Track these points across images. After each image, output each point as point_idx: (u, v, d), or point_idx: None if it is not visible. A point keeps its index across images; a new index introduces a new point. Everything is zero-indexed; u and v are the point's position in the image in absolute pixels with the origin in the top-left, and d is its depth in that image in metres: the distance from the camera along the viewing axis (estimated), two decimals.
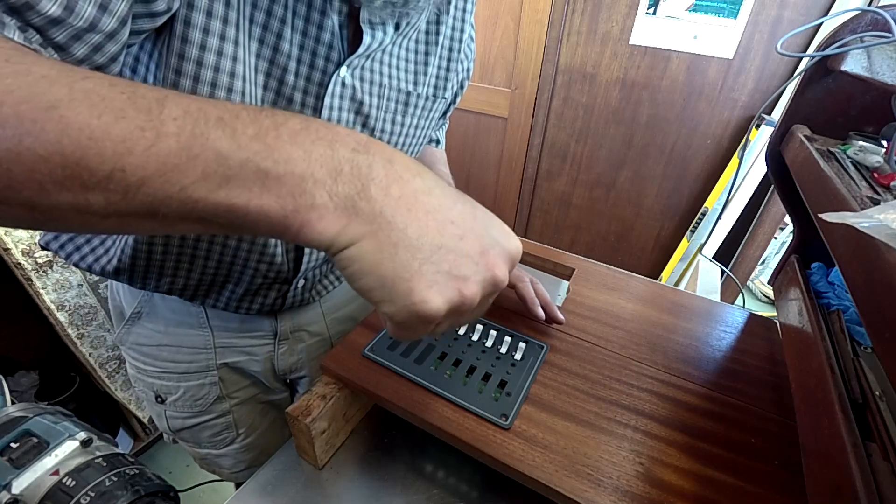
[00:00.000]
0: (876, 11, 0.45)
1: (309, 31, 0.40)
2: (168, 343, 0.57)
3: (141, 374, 0.60)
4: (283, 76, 0.41)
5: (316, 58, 0.41)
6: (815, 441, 0.36)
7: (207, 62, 0.35)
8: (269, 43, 0.39)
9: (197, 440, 0.66)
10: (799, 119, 0.56)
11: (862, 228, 0.25)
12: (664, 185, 1.51)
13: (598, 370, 0.49)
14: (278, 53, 0.39)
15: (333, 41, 0.41)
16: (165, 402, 0.61)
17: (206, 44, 0.35)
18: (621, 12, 1.34)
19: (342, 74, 0.43)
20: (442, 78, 0.55)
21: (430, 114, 0.56)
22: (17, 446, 0.44)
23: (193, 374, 0.59)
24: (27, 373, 1.13)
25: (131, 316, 0.56)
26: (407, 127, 0.53)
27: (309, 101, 0.43)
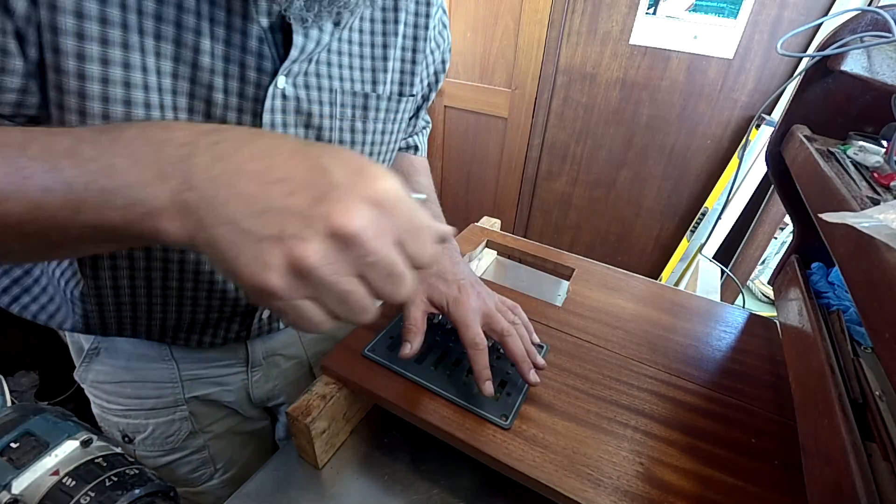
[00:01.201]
0: (876, 11, 0.45)
1: (232, 40, 0.34)
2: (130, 379, 0.52)
3: (106, 413, 0.55)
4: (210, 95, 0.35)
5: (245, 69, 0.35)
6: (815, 441, 0.36)
7: (114, 96, 0.31)
8: (186, 59, 0.33)
9: (173, 479, 0.60)
10: (799, 119, 0.56)
11: (862, 228, 0.25)
12: (664, 185, 1.51)
13: (598, 370, 0.49)
14: (199, 70, 0.34)
15: (263, 48, 0.35)
16: (134, 441, 0.56)
17: (108, 76, 0.30)
18: (621, 12, 1.34)
19: (280, 85, 0.38)
20: (407, 73, 0.48)
21: (397, 115, 0.50)
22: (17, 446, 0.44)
23: (162, 409, 0.54)
24: (27, 373, 1.13)
25: (88, 352, 0.52)
26: (371, 134, 0.48)
27: (246, 119, 0.37)
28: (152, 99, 0.32)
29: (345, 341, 0.49)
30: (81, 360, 0.53)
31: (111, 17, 0.29)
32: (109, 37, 0.29)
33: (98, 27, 0.29)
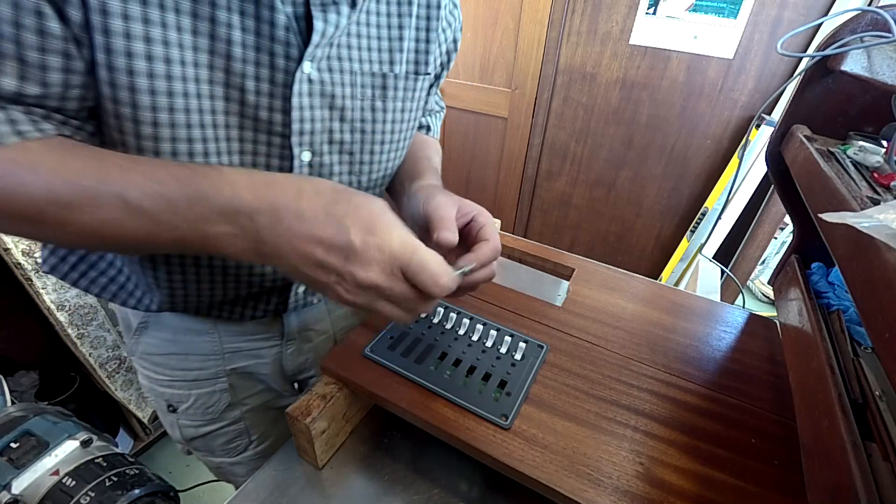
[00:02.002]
0: (876, 11, 0.45)
1: (261, 30, 0.37)
2: (176, 351, 0.56)
3: (152, 384, 0.60)
4: (243, 83, 0.38)
5: (274, 57, 0.38)
6: (815, 441, 0.36)
7: (159, 89, 0.34)
8: (221, 52, 0.36)
9: (210, 448, 0.65)
10: (799, 119, 0.56)
11: (862, 228, 0.25)
12: (664, 185, 1.51)
13: (598, 370, 0.49)
14: (232, 61, 0.36)
15: (289, 36, 0.38)
16: (177, 410, 0.60)
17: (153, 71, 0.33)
18: (621, 12, 1.34)
19: (306, 70, 0.40)
20: (422, 52, 0.50)
21: (415, 94, 0.51)
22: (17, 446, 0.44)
23: (204, 381, 0.58)
24: (27, 373, 1.13)
25: (139, 326, 0.56)
26: (390, 112, 0.49)
27: (276, 105, 0.40)
28: (190, 89, 0.36)
29: (345, 341, 0.49)
30: (132, 334, 0.57)
31: (152, 17, 0.32)
32: (152, 35, 0.32)
33: (142, 27, 0.32)
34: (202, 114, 0.37)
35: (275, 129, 0.41)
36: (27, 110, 0.32)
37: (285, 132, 0.42)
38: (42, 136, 0.32)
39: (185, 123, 0.37)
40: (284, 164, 0.44)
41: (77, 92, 0.33)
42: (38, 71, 0.31)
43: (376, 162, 0.51)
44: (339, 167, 0.49)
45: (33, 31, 0.29)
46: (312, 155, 0.45)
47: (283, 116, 0.41)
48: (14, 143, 0.30)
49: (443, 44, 0.52)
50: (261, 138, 0.42)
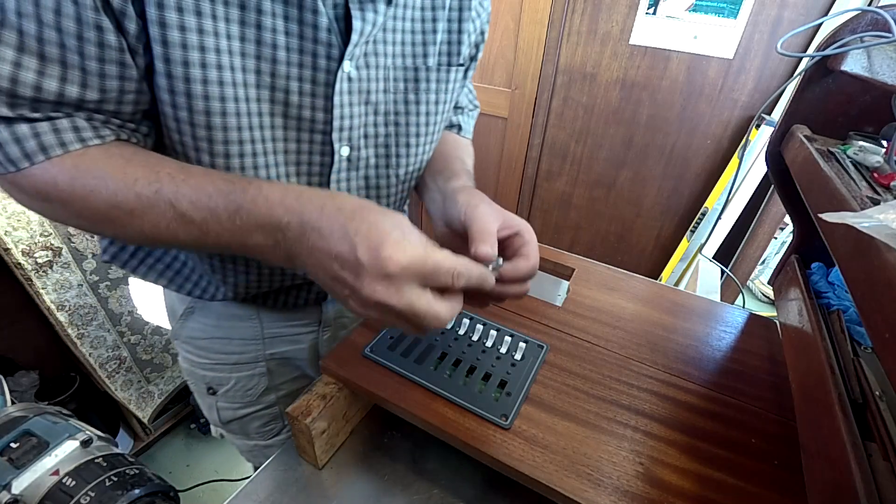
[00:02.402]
0: (876, 11, 0.45)
1: (305, 34, 0.38)
2: (220, 335, 0.59)
3: (194, 367, 0.62)
4: (288, 85, 0.40)
5: (317, 59, 0.40)
6: (815, 441, 0.36)
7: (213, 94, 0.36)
8: (267, 56, 0.38)
9: (246, 431, 0.68)
10: (799, 119, 0.56)
11: (862, 228, 0.25)
12: (664, 185, 1.51)
13: (598, 370, 0.49)
14: (277, 64, 0.38)
15: (331, 37, 0.39)
16: (217, 393, 0.63)
17: (207, 78, 0.36)
18: (621, 12, 1.34)
19: (346, 69, 0.41)
20: (454, 42, 0.50)
21: (447, 86, 0.51)
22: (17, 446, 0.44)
23: (244, 364, 0.61)
24: (27, 373, 1.13)
25: (185, 311, 0.58)
26: (423, 105, 0.50)
27: (318, 104, 0.42)
28: (240, 93, 0.38)
29: (345, 341, 0.49)
30: (177, 318, 0.60)
31: (206, 27, 0.34)
32: (206, 44, 0.35)
33: (196, 37, 0.34)
34: (251, 116, 0.39)
35: (317, 128, 0.43)
36: (88, 116, 0.35)
37: (326, 129, 0.44)
38: (101, 142, 0.35)
39: (236, 126, 0.39)
40: (325, 159, 0.46)
41: (131, 97, 0.36)
42: (98, 79, 0.33)
43: (412, 154, 0.52)
44: (374, 160, 0.50)
45: (94, 43, 0.32)
46: (351, 150, 0.47)
47: (325, 115, 0.43)
48: (77, 150, 0.34)
49: (472, 34, 0.52)
50: (304, 137, 0.44)
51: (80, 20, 0.31)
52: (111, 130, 0.36)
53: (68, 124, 0.34)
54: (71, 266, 1.05)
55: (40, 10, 0.30)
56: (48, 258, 1.00)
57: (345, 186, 0.49)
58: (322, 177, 0.47)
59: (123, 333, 1.20)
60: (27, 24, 0.30)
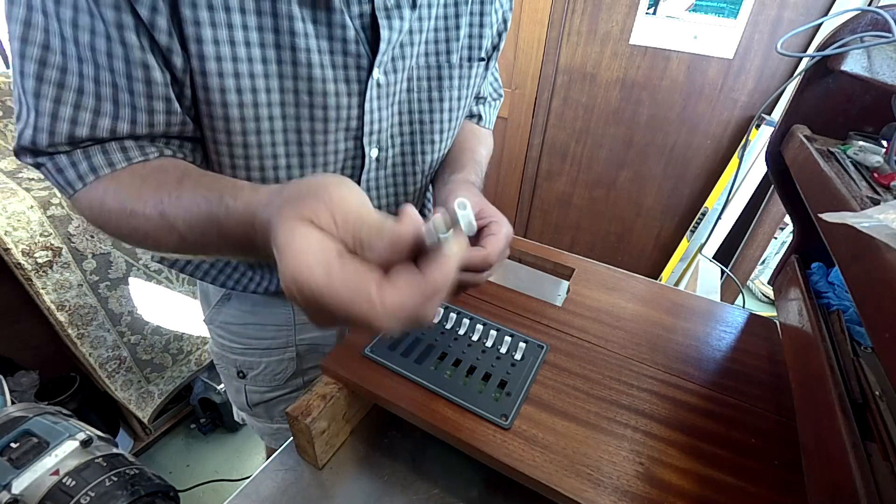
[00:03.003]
0: (876, 11, 0.45)
1: (335, 48, 0.39)
2: (254, 321, 0.61)
3: (226, 352, 0.64)
4: (325, 102, 0.41)
5: (348, 70, 0.41)
6: (815, 441, 0.36)
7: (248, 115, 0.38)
8: (303, 76, 0.39)
9: (271, 414, 0.70)
10: (799, 119, 0.56)
11: (862, 228, 0.25)
12: (664, 185, 1.51)
13: (598, 370, 0.49)
14: (314, 82, 0.39)
15: (360, 48, 0.40)
16: (247, 377, 0.65)
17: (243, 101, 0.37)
18: (621, 12, 1.34)
19: (376, 77, 0.42)
20: (476, 36, 0.50)
21: (470, 81, 0.52)
22: (17, 446, 0.44)
23: (275, 349, 0.63)
24: (27, 373, 1.13)
25: (221, 298, 0.61)
26: (447, 101, 0.51)
27: (353, 113, 0.43)
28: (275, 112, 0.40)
29: (345, 341, 0.49)
30: (212, 306, 0.62)
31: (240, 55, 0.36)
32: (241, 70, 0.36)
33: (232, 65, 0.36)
34: (287, 133, 0.41)
35: (350, 135, 0.45)
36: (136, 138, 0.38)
37: (358, 135, 0.45)
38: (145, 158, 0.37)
39: (270, 143, 0.41)
40: (357, 162, 0.48)
41: (177, 128, 0.38)
42: (146, 115, 0.36)
43: (434, 151, 0.53)
44: (401, 157, 0.52)
45: (142, 81, 0.34)
46: (379, 150, 0.48)
47: (358, 122, 0.44)
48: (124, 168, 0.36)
49: (494, 24, 0.52)
50: (339, 146, 0.45)
51: (129, 60, 0.33)
52: (156, 148, 0.38)
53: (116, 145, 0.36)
54: (71, 266, 1.05)
55: (96, 55, 0.33)
56: (48, 258, 1.00)
57: (374, 185, 0.51)
58: (353, 178, 0.48)
59: (123, 333, 1.20)
60: (86, 68, 0.33)
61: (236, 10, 0.35)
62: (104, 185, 0.36)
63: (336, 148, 0.45)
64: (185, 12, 0.33)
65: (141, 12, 0.32)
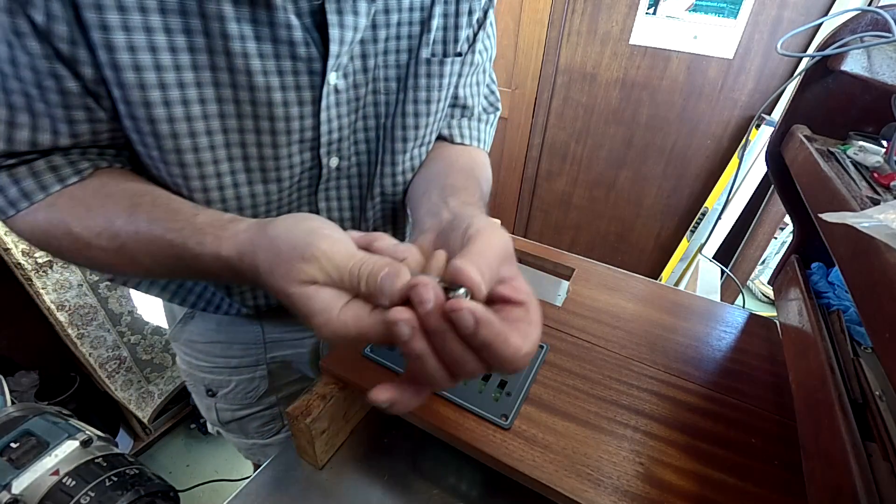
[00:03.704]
0: (876, 11, 0.45)
1: (280, 52, 0.34)
2: (221, 339, 0.57)
3: (193, 370, 0.61)
4: (272, 112, 0.36)
5: (298, 76, 0.36)
6: (815, 441, 0.36)
7: (181, 131, 0.34)
8: (242, 84, 0.34)
9: (245, 431, 0.67)
10: (799, 119, 0.56)
11: (862, 228, 0.25)
12: (664, 185, 1.51)
13: (598, 370, 0.49)
14: (256, 91, 0.35)
15: (310, 51, 0.35)
16: (216, 395, 0.62)
17: (173, 115, 0.33)
18: (621, 12, 1.34)
19: (332, 82, 0.38)
20: (451, 28, 0.43)
21: (444, 80, 0.45)
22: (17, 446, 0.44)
23: (245, 368, 0.60)
24: (27, 373, 1.13)
25: (185, 315, 0.57)
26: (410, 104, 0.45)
27: (307, 123, 0.39)
28: (213, 125, 0.36)
29: None
30: (176, 322, 0.58)
31: (164, 62, 0.32)
32: (166, 80, 0.32)
33: (155, 75, 0.32)
34: (230, 147, 0.37)
35: (305, 146, 0.41)
36: (65, 153, 0.35)
37: (314, 145, 0.41)
38: (80, 178, 0.35)
39: (211, 160, 0.37)
40: (314, 172, 0.44)
41: (106, 136, 0.35)
42: (66, 125, 0.33)
43: (405, 160, 0.48)
44: (366, 167, 0.48)
45: (55, 91, 0.31)
46: (340, 160, 0.45)
47: (313, 132, 0.40)
48: (59, 192, 0.34)
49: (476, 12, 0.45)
50: (294, 160, 0.41)
51: (36, 69, 0.30)
52: (90, 161, 0.35)
53: (45, 164, 0.34)
54: (71, 266, 1.05)
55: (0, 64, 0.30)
56: (48, 258, 1.00)
57: (334, 195, 0.47)
58: (310, 189, 0.46)
59: (123, 333, 1.20)
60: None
61: (154, 10, 0.30)
62: (44, 213, 0.34)
63: (290, 162, 0.41)
64: (88, 16, 0.29)
65: (35, 18, 0.28)
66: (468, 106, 0.52)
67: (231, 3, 0.31)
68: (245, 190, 0.40)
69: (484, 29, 0.47)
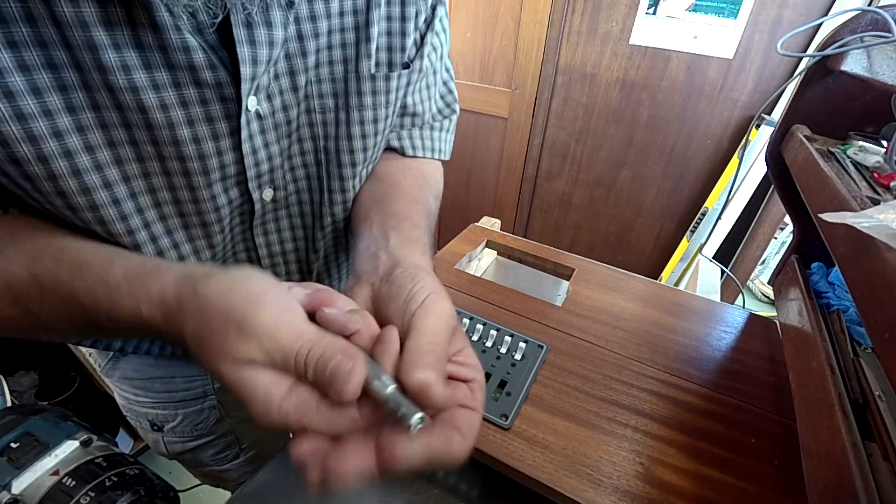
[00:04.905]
0: (876, 11, 0.45)
1: (180, 80, 0.28)
2: (159, 375, 0.52)
3: (133, 405, 0.55)
4: (179, 152, 0.31)
5: (208, 106, 0.30)
6: (815, 441, 0.36)
7: (72, 189, 0.28)
8: (137, 123, 0.29)
9: (199, 460, 0.62)
10: (799, 119, 0.56)
11: (862, 228, 0.25)
12: (664, 186, 1.51)
13: (598, 370, 0.49)
14: (154, 130, 0.29)
15: (217, 76, 0.29)
16: (163, 429, 0.57)
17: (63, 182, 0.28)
18: (621, 12, 1.34)
19: (252, 108, 0.32)
20: (396, 34, 0.37)
21: (390, 95, 0.39)
22: (17, 446, 0.44)
23: (191, 400, 0.54)
24: (27, 373, 1.13)
25: (115, 352, 0.50)
26: (355, 125, 0.39)
27: (228, 159, 0.33)
28: (110, 175, 0.30)
29: None
30: (106, 360, 0.52)
31: (36, 129, 0.26)
32: (47, 147, 0.26)
33: (17, 127, 0.25)
34: (136, 198, 0.32)
35: (231, 182, 0.35)
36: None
37: (240, 179, 0.35)
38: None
39: (117, 216, 0.31)
40: (245, 207, 0.38)
41: None
42: None
43: (349, 188, 0.43)
44: (307, 195, 0.42)
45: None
46: (275, 191, 0.39)
47: (236, 165, 0.34)
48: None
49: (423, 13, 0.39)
50: (219, 201, 0.35)
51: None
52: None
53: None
54: None
55: None
56: None
57: (273, 227, 0.42)
58: (244, 224, 0.40)
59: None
60: None
61: (2, 45, 0.23)
62: None
63: (215, 204, 0.34)
64: None
65: None
66: (418, 113, 0.46)
67: (103, 28, 0.25)
68: (165, 242, 0.35)
69: (432, 29, 0.41)
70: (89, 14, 0.24)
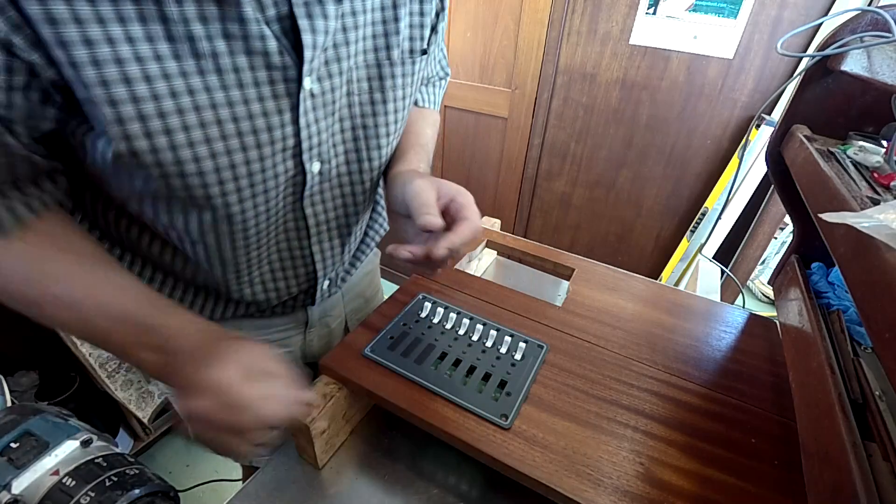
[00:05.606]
0: (876, 11, 0.45)
1: (255, 64, 0.35)
2: None
3: None
4: (254, 125, 0.37)
5: (275, 85, 0.36)
6: (815, 441, 0.36)
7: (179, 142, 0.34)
8: (220, 101, 0.34)
9: None
10: (799, 119, 0.56)
11: (862, 228, 0.25)
12: (664, 186, 1.51)
13: (598, 370, 0.49)
14: (235, 106, 0.35)
15: (284, 60, 0.36)
16: None
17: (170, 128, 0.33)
18: (621, 12, 1.34)
19: (308, 87, 0.38)
20: (417, 26, 0.46)
21: (413, 77, 0.48)
22: (17, 446, 0.44)
23: None
24: (27, 373, 1.13)
25: None
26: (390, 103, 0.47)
27: (288, 131, 0.39)
28: (200, 151, 0.36)
29: (345, 341, 0.49)
30: None
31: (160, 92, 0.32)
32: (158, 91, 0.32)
33: (146, 86, 0.31)
34: (216, 158, 0.36)
35: (287, 154, 0.41)
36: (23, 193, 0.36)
37: (297, 151, 0.41)
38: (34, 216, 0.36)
39: (212, 169, 0.36)
40: (298, 178, 0.44)
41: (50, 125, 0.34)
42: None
43: (383, 156, 0.50)
44: (346, 167, 0.48)
45: None
46: (322, 164, 0.45)
47: (295, 139, 0.40)
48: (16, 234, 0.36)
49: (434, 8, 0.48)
50: (279, 169, 0.41)
51: None
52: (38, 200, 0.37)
53: None
54: None
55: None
56: None
57: (319, 199, 0.48)
58: (295, 195, 0.45)
59: None
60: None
61: (122, 41, 0.29)
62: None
63: (275, 172, 0.41)
64: (55, 32, 0.28)
65: None
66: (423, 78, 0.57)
67: (200, 22, 0.31)
68: (236, 209, 0.40)
69: (442, 18, 0.50)
70: (190, 11, 0.31)
